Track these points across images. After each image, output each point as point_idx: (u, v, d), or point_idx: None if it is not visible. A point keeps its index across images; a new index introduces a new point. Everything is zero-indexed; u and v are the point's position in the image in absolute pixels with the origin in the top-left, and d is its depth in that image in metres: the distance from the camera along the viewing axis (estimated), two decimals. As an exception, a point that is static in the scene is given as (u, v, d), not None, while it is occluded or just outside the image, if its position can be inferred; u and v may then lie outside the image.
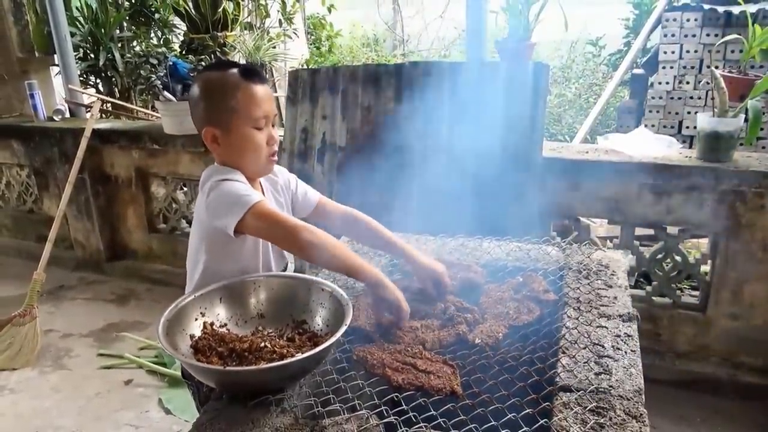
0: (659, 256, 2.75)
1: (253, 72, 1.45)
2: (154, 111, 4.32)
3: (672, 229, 2.70)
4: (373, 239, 1.64)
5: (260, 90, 1.43)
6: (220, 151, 1.48)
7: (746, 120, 2.39)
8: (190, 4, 4.67)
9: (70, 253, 4.21)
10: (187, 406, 2.58)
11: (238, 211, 1.32)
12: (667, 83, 5.30)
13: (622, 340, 1.34)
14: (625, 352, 1.29)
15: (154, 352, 3.10)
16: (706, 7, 5.01)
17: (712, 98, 2.58)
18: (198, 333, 1.29)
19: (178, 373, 2.85)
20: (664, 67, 5.31)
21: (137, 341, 3.19)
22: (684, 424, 2.52)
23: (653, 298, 2.78)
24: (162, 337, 1.18)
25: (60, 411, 2.71)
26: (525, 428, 1.05)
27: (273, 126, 1.49)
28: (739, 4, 3.15)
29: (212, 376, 1.15)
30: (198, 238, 1.51)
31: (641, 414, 1.10)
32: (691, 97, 5.21)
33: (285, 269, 1.68)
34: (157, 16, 5.05)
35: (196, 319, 1.32)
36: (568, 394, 1.16)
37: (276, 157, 1.52)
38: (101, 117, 4.40)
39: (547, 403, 1.13)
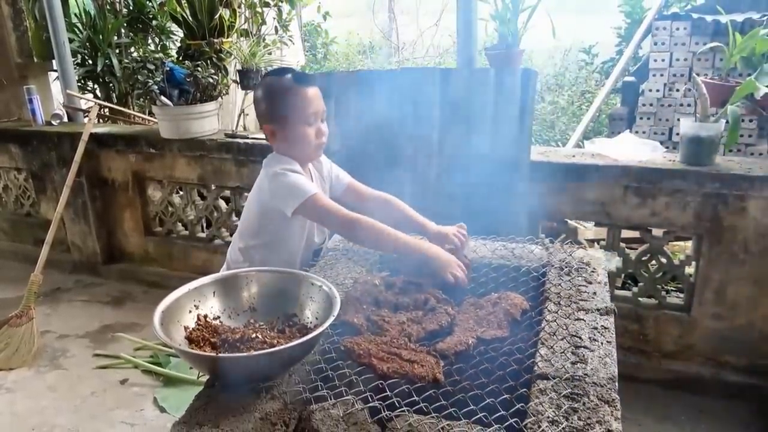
0: (645, 257, 2.81)
1: (303, 77, 1.75)
2: (151, 116, 4.38)
3: (657, 232, 2.76)
4: (396, 217, 1.88)
5: (309, 92, 1.73)
6: (277, 144, 1.81)
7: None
8: (187, 12, 4.73)
9: (67, 256, 4.25)
10: (182, 404, 2.61)
11: (298, 199, 1.66)
12: (658, 91, 5.39)
13: (599, 332, 1.39)
14: (601, 343, 1.35)
15: (150, 352, 3.14)
16: (695, 16, 5.11)
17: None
18: (192, 325, 1.34)
19: (174, 373, 2.90)
20: (654, 75, 5.40)
21: (133, 342, 3.23)
22: (669, 422, 2.57)
23: (639, 299, 2.84)
24: (157, 326, 1.23)
25: (56, 410, 2.75)
26: (502, 412, 1.11)
27: (322, 121, 1.78)
28: (720, 13, 3.23)
29: (204, 364, 1.20)
30: (256, 214, 1.85)
31: (613, 399, 1.16)
32: (681, 105, 5.30)
33: (324, 242, 2.00)
34: (154, 22, 5.12)
35: (190, 312, 1.37)
36: (545, 381, 1.21)
37: (322, 147, 1.82)
38: (99, 122, 4.45)
39: (524, 390, 1.19)
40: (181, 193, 3.94)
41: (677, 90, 5.30)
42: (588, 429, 1.08)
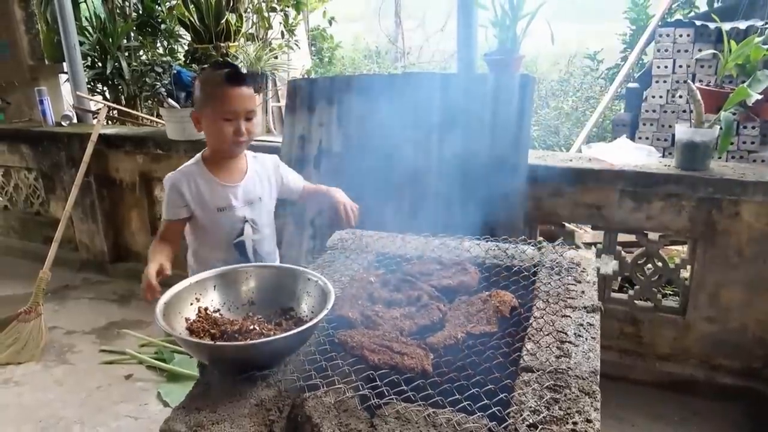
0: (641, 261, 2.85)
1: (233, 77, 1.79)
2: (158, 117, 4.46)
3: (653, 235, 2.81)
4: (320, 201, 2.19)
5: (234, 92, 1.78)
6: (202, 130, 1.89)
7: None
8: (195, 16, 4.82)
9: (75, 255, 4.33)
10: (185, 399, 2.68)
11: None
12: (661, 97, 5.42)
13: (584, 329, 1.44)
14: (586, 339, 1.40)
15: (154, 348, 3.20)
16: (698, 23, 5.15)
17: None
18: (193, 316, 1.40)
19: (178, 369, 2.96)
20: (657, 81, 5.43)
21: (138, 338, 3.29)
22: (662, 422, 2.61)
23: (635, 301, 2.87)
24: (159, 317, 1.29)
25: (63, 403, 2.82)
26: (486, 401, 1.16)
27: (248, 120, 1.82)
28: (715, 20, 3.27)
29: (203, 351, 1.26)
30: None
31: (594, 391, 1.21)
32: (684, 111, 5.32)
33: (251, 234, 1.97)
34: (163, 26, 5.22)
35: (191, 304, 1.43)
36: (529, 373, 1.26)
37: (241, 145, 1.86)
38: (107, 123, 4.54)
39: (508, 380, 1.24)
40: (187, 193, 4.00)
41: (680, 96, 5.33)
42: (568, 418, 1.13)
